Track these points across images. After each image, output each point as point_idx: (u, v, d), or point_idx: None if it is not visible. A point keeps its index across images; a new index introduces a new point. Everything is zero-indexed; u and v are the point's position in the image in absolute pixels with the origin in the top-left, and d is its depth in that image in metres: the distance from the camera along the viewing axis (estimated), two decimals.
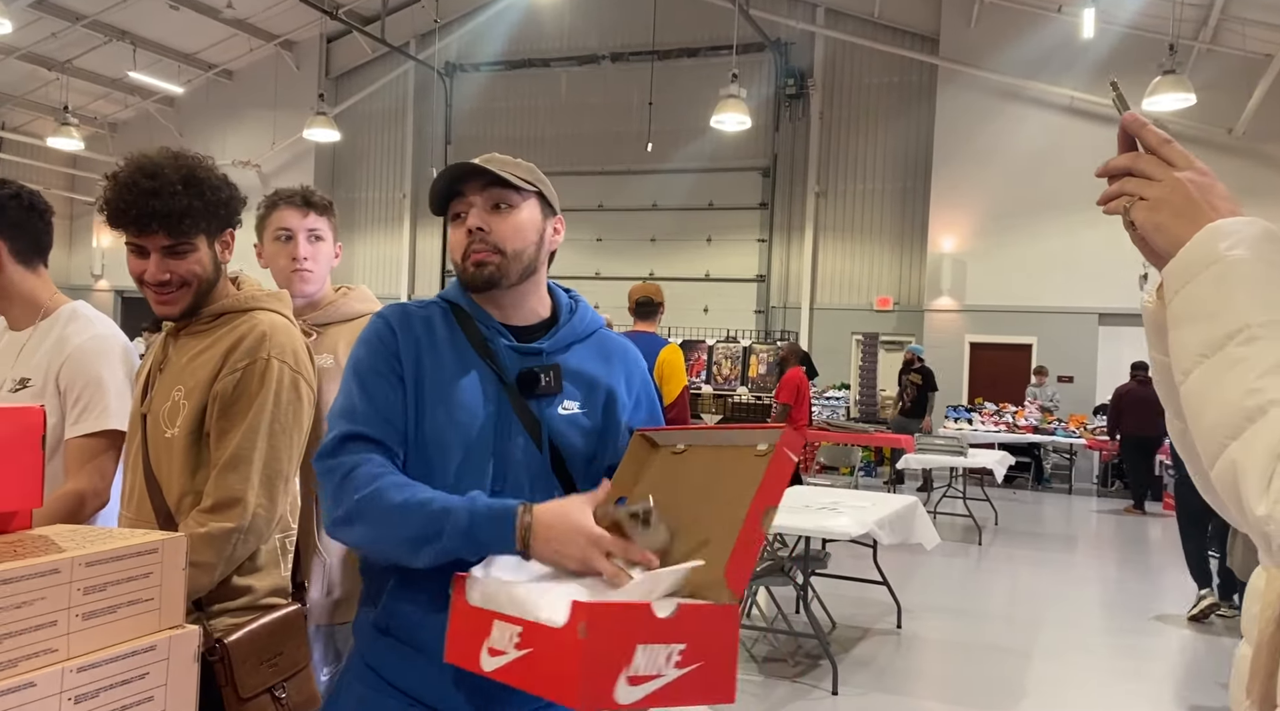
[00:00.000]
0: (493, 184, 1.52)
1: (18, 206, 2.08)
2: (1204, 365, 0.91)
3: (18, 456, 1.22)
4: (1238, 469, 0.86)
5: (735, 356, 9.73)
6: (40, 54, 15.34)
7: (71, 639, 1.09)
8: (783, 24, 14.80)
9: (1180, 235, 0.97)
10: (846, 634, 5.71)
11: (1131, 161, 1.02)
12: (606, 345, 1.66)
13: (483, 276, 1.53)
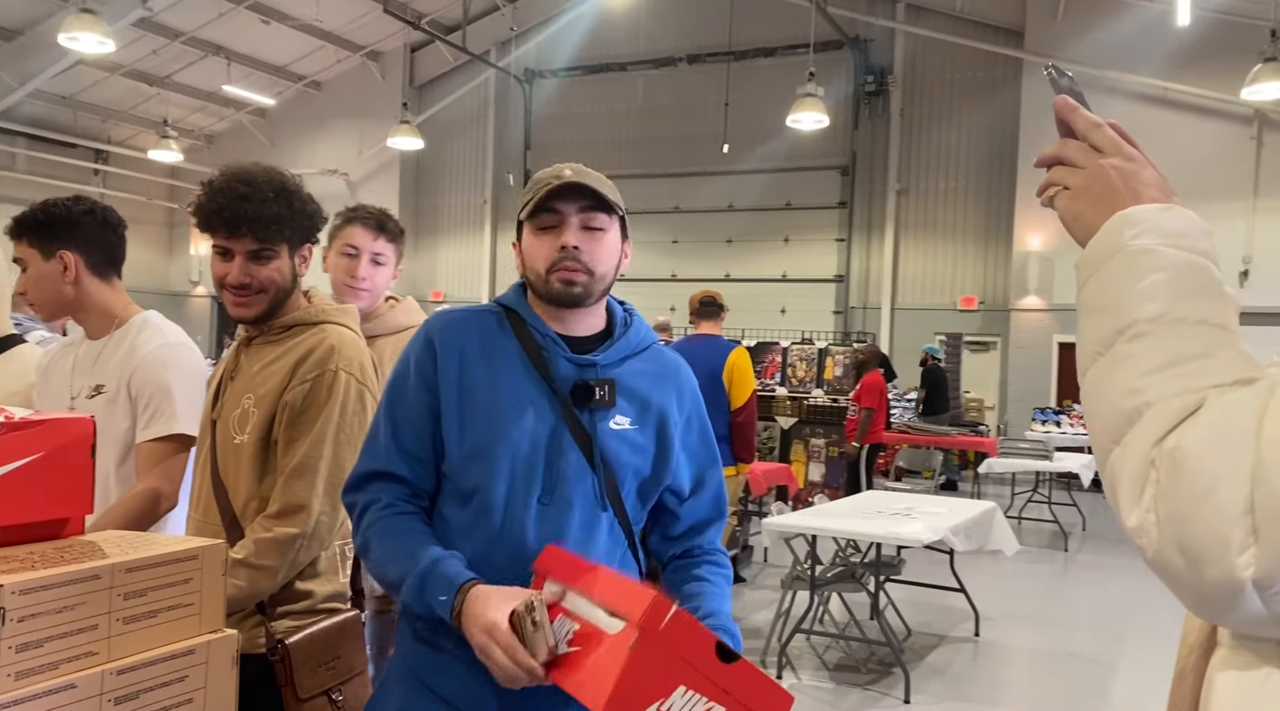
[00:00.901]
0: (589, 204, 1.52)
1: (92, 222, 2.18)
2: (1097, 364, 0.85)
3: (69, 465, 1.28)
4: (1116, 476, 0.80)
5: (810, 358, 9.62)
6: (142, 70, 16.03)
7: (112, 642, 1.14)
8: (861, 21, 14.60)
9: (1094, 225, 0.91)
10: (922, 641, 5.60)
11: (1059, 149, 0.97)
12: (660, 360, 1.65)
13: (571, 294, 1.53)
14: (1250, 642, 0.83)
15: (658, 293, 15.52)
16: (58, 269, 2.15)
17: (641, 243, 16.44)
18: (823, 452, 9.56)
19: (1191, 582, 0.77)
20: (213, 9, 14.53)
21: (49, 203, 2.18)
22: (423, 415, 1.53)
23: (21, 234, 2.15)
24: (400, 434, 1.53)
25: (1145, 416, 0.79)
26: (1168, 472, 0.76)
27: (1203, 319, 0.82)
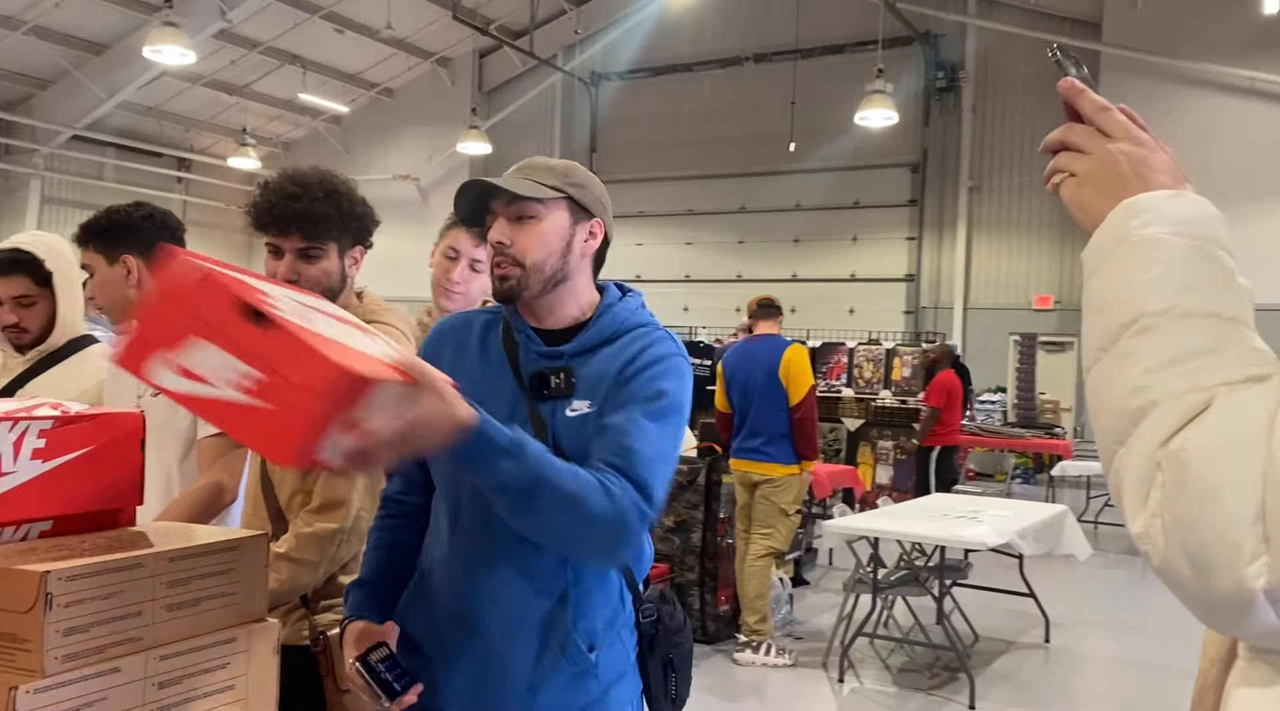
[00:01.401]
0: (516, 196, 1.52)
1: (151, 226, 2.26)
2: (1102, 360, 0.81)
3: (120, 459, 1.33)
4: (1121, 479, 0.76)
5: (878, 359, 9.49)
6: (221, 80, 16.54)
7: (156, 628, 1.18)
8: (932, 16, 14.36)
9: (1101, 213, 0.86)
10: (989, 647, 5.48)
11: (1065, 133, 0.92)
12: (636, 343, 1.55)
13: (503, 290, 1.53)
14: (1267, 656, 0.78)
15: (724, 293, 15.47)
16: (122, 273, 2.23)
17: (707, 243, 16.42)
18: (890, 455, 9.43)
19: (1199, 592, 0.73)
20: (289, 19, 14.92)
21: (111, 210, 2.27)
22: None
23: (88, 241, 2.24)
24: None
25: (1151, 415, 0.75)
26: (1174, 475, 0.72)
27: (1213, 312, 0.78)
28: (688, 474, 5.58)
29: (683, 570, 5.50)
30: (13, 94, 15.75)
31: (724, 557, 5.58)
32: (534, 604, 1.47)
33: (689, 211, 16.45)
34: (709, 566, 5.50)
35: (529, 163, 1.58)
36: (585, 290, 1.60)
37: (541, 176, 1.55)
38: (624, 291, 1.66)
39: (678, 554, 5.52)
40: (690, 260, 16.45)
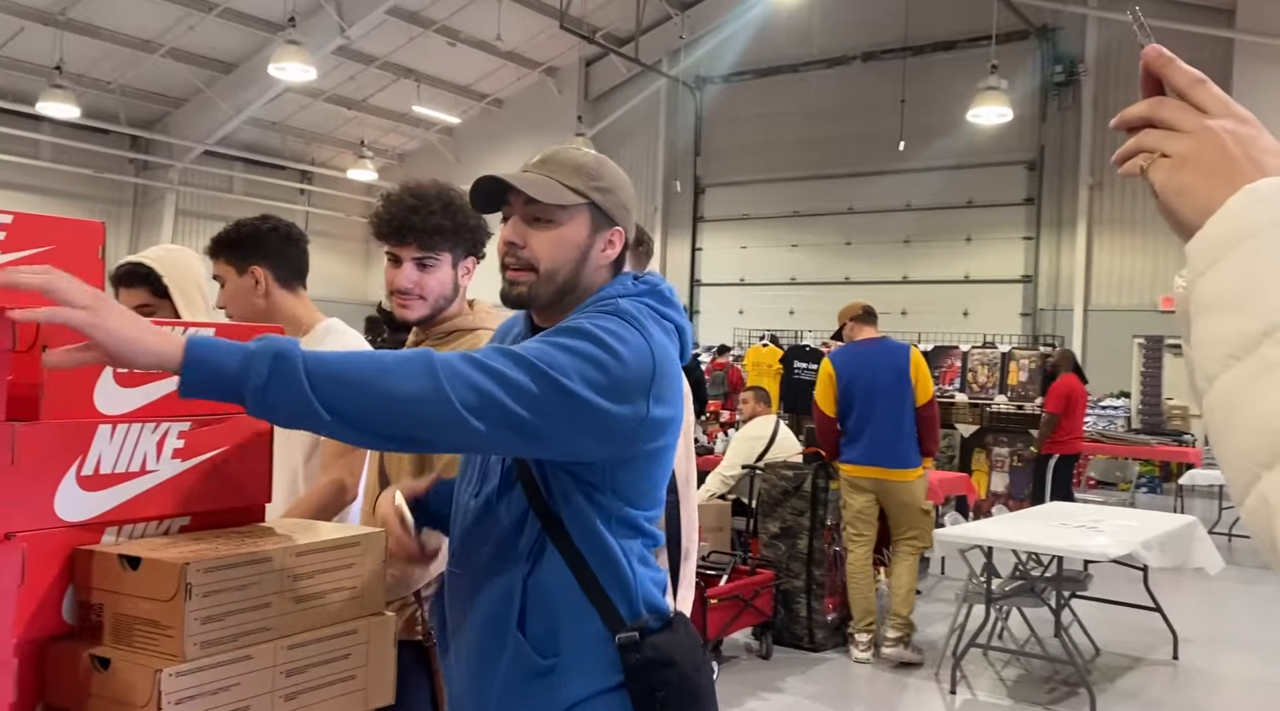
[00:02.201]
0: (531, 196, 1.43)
1: (277, 237, 2.38)
2: (1234, 370, 0.71)
3: (251, 459, 1.40)
4: (1272, 509, 0.67)
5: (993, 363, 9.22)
6: (340, 95, 17.18)
7: (284, 619, 1.25)
8: (1049, 9, 13.88)
9: (1210, 200, 0.74)
10: (1112, 662, 5.27)
11: (1152, 108, 0.81)
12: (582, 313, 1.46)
13: (512, 295, 1.46)
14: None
15: (831, 296, 15.24)
16: (250, 283, 2.35)
17: (813, 245, 16.23)
18: (1006, 462, 9.15)
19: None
20: (404, 34, 15.40)
21: (240, 222, 2.40)
22: None
23: (218, 252, 2.38)
24: None
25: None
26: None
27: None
28: (793, 480, 5.53)
29: (788, 577, 5.45)
30: (151, 113, 16.71)
31: (831, 565, 5.51)
32: (486, 601, 1.43)
33: (794, 213, 16.30)
34: (815, 573, 5.44)
35: (555, 155, 1.48)
36: (591, 288, 1.50)
37: (567, 176, 1.45)
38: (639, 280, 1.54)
39: (783, 560, 5.48)
40: (796, 263, 16.30)
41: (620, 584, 1.42)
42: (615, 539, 1.42)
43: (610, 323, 1.37)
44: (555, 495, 1.41)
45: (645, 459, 1.41)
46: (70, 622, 1.21)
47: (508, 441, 1.28)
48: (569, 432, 1.30)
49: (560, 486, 1.41)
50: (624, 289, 1.48)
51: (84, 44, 14.12)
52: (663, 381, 1.38)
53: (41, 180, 15.98)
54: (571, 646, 1.40)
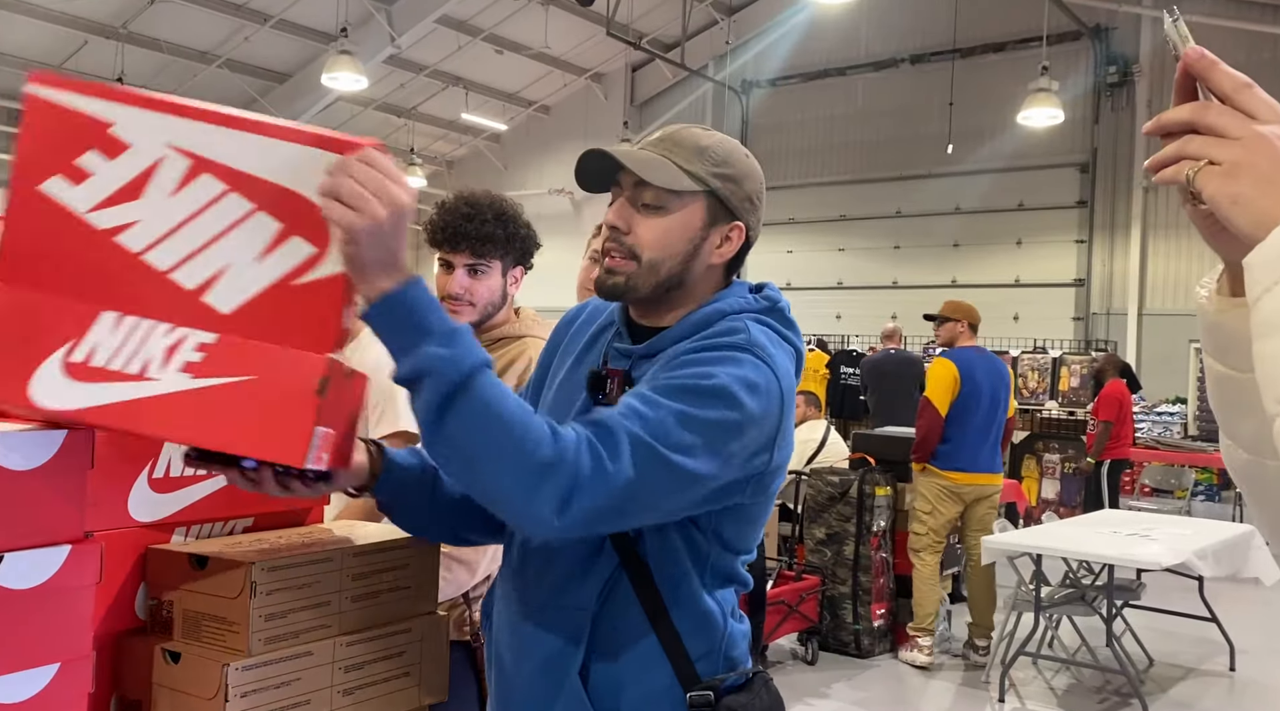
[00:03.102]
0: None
1: None
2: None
3: None
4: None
5: (1043, 368, 9.10)
6: (391, 103, 17.44)
7: (342, 617, 1.30)
8: (1102, 9, 13.66)
9: (1270, 211, 0.72)
10: (1166, 672, 5.18)
11: (1197, 113, 0.77)
12: (714, 331, 1.30)
13: (609, 284, 1.31)
14: None
15: (878, 300, 15.16)
16: None
17: (860, 249, 16.12)
18: (1058, 469, 9.02)
19: None
20: (452, 42, 15.60)
21: None
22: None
23: None
24: None
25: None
26: None
27: None
28: (839, 486, 5.52)
29: (834, 583, 5.44)
30: None
31: (878, 572, 5.49)
32: (545, 638, 1.28)
33: (841, 217, 16.22)
34: (862, 580, 5.42)
35: (676, 133, 1.33)
36: (700, 293, 1.36)
37: (686, 158, 1.30)
38: (760, 291, 1.41)
39: (829, 567, 5.47)
40: (843, 266, 16.20)
41: (704, 636, 1.28)
42: (705, 588, 1.28)
43: (745, 369, 1.22)
44: (642, 527, 1.25)
45: (755, 502, 1.31)
46: (142, 618, 1.27)
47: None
48: (689, 506, 1.22)
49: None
50: (744, 303, 1.34)
51: (144, 56, 14.51)
52: (786, 422, 1.28)
53: None
54: (635, 701, 1.26)
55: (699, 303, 1.34)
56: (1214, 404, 0.89)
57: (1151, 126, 0.82)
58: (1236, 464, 0.87)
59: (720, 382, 1.19)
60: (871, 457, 5.70)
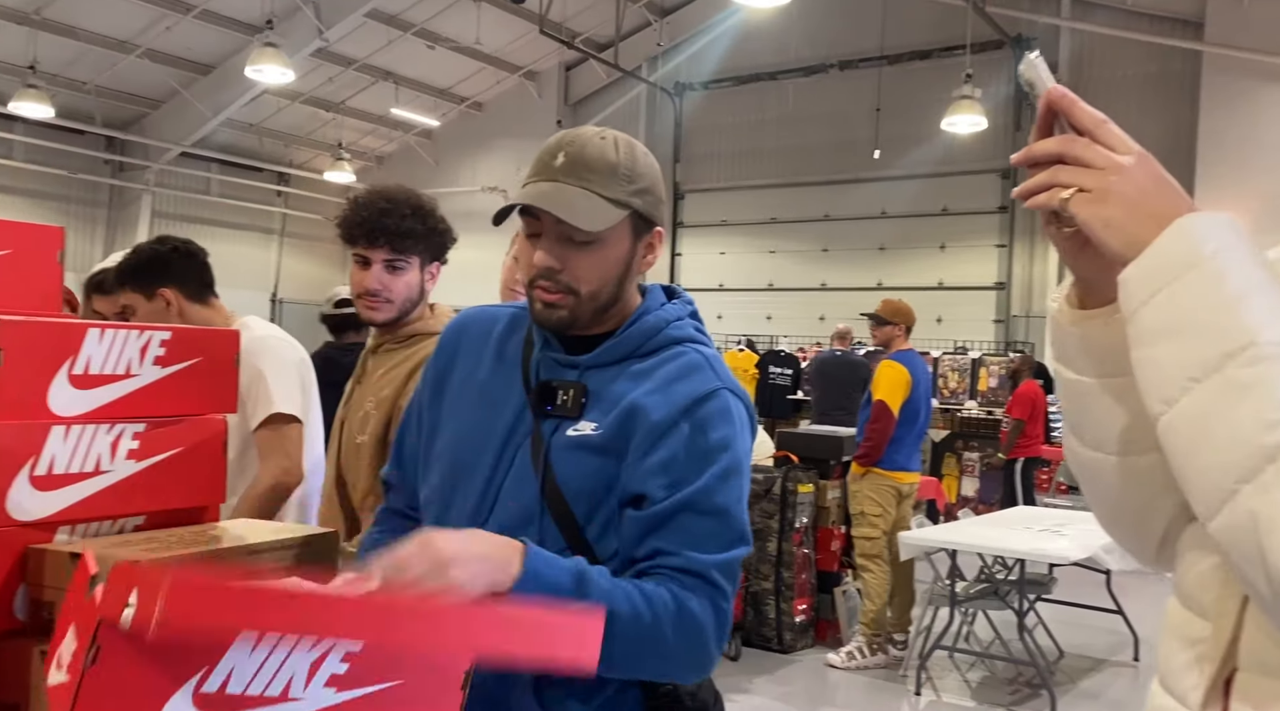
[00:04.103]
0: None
1: (179, 257, 2.42)
2: (1196, 391, 0.75)
3: (204, 459, 1.44)
4: (1259, 521, 0.72)
5: (963, 369, 9.33)
6: (318, 97, 17.13)
7: None
8: (1024, 19, 14.05)
9: (1139, 233, 0.81)
10: (1075, 664, 5.35)
11: (1065, 145, 0.86)
12: (668, 366, 1.32)
13: (552, 320, 1.31)
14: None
15: (807, 302, 15.38)
16: (161, 306, 2.37)
17: (791, 252, 16.31)
18: (976, 467, 9.25)
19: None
20: (383, 37, 15.38)
21: (139, 250, 2.42)
22: (417, 411, 1.48)
23: (124, 282, 2.40)
24: (404, 439, 1.50)
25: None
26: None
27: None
28: (763, 483, 5.59)
29: (758, 579, 5.51)
30: (127, 114, 16.61)
31: (800, 567, 5.57)
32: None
33: (772, 220, 16.40)
34: (784, 576, 5.49)
35: (584, 155, 1.28)
36: (631, 301, 1.39)
37: (604, 183, 1.27)
38: (671, 295, 1.44)
39: (753, 563, 5.53)
40: (774, 269, 16.40)
41: (722, 646, 1.30)
42: None
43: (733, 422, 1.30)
44: (598, 529, 1.28)
45: None
46: (22, 619, 1.24)
47: None
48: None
49: (605, 519, 1.28)
50: (677, 309, 1.39)
51: (59, 44, 14.03)
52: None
53: (14, 181, 15.85)
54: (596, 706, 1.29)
55: (629, 306, 1.37)
56: (1062, 406, 0.97)
57: (1021, 157, 0.89)
58: (1080, 459, 0.96)
59: (736, 455, 1.30)
60: (794, 455, 5.78)
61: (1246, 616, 0.84)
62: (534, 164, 1.32)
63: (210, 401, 1.46)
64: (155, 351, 1.37)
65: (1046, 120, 0.89)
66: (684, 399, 1.28)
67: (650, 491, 1.25)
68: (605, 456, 1.28)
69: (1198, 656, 0.88)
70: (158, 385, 1.37)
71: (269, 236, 19.45)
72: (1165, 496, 0.91)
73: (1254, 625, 0.84)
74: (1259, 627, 0.83)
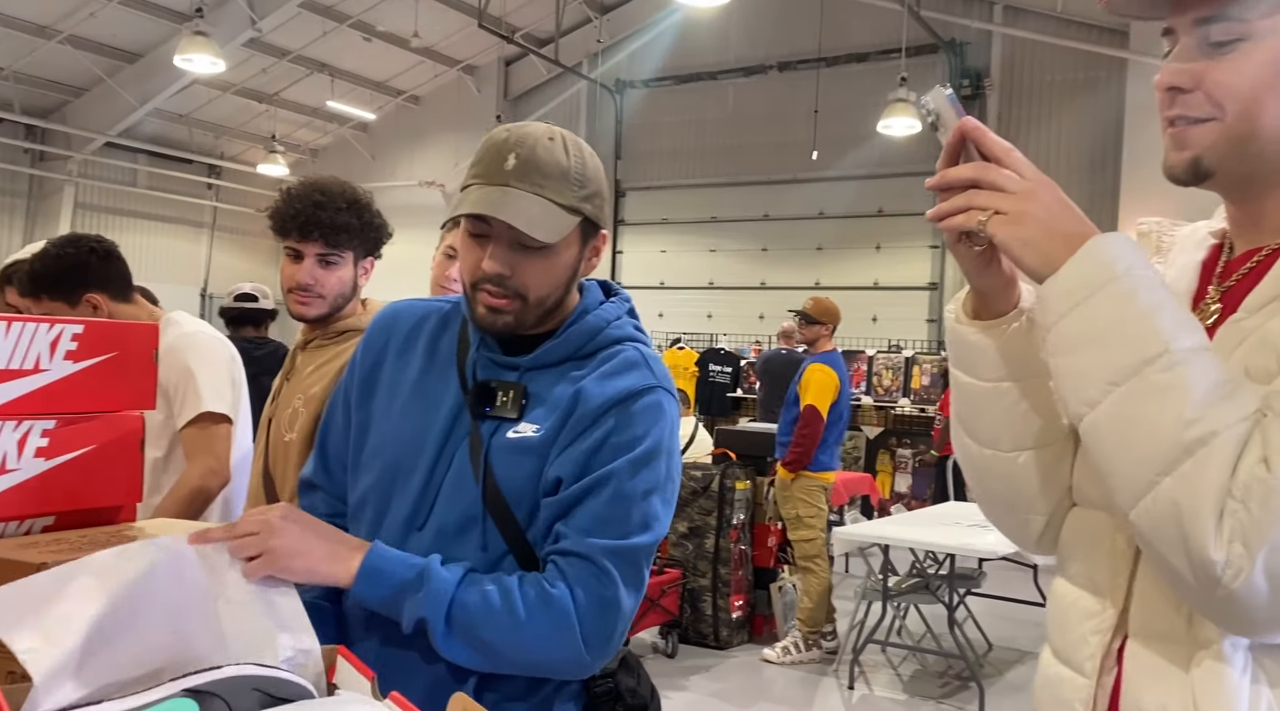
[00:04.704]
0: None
1: (98, 260, 2.33)
2: (1116, 394, 0.83)
3: (119, 458, 1.38)
4: (1182, 509, 0.79)
5: (897, 367, 9.47)
6: (251, 89, 16.77)
7: None
8: (957, 24, 14.31)
9: (1054, 252, 0.88)
10: (1002, 656, 5.47)
11: (979, 171, 0.93)
12: (607, 366, 1.32)
13: (497, 325, 1.29)
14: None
15: (747, 301, 15.48)
16: (87, 311, 2.29)
17: (731, 251, 16.42)
18: (909, 463, 9.40)
19: (1271, 608, 0.79)
20: (318, 28, 15.11)
21: (50, 255, 2.28)
22: (345, 409, 1.44)
23: (39, 292, 2.27)
24: (328, 438, 1.46)
25: (1211, 445, 0.78)
26: (1259, 502, 0.77)
27: (1206, 344, 0.84)
28: (701, 480, 5.61)
29: (695, 576, 5.52)
30: (47, 102, 16.07)
31: (737, 564, 5.60)
32: (428, 667, 1.25)
33: (713, 218, 16.49)
34: (721, 572, 5.52)
35: (535, 159, 1.25)
36: (570, 301, 1.38)
37: (558, 191, 1.26)
38: (610, 292, 1.43)
39: (690, 560, 5.55)
40: (714, 267, 16.48)
41: (609, 637, 1.27)
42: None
43: (664, 421, 1.31)
44: (540, 531, 1.28)
45: None
46: None
47: None
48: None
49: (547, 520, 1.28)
50: (616, 308, 1.38)
51: None
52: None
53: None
54: (526, 702, 1.29)
55: (568, 306, 1.36)
56: (956, 408, 1.05)
57: (935, 182, 0.96)
58: (973, 457, 1.05)
59: (648, 451, 1.27)
60: (732, 453, 5.81)
61: (1134, 589, 0.93)
62: (480, 161, 1.29)
63: (126, 397, 1.40)
64: (67, 346, 1.31)
65: (955, 148, 0.96)
66: (616, 393, 1.29)
67: (565, 477, 1.26)
68: (546, 459, 1.28)
69: (1092, 629, 0.96)
70: (69, 380, 1.32)
71: (199, 230, 18.99)
72: (1051, 489, 1.02)
73: (1141, 597, 0.93)
74: (1145, 599, 0.92)
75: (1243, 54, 0.92)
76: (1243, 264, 0.99)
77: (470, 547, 1.27)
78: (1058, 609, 1.04)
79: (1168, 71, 0.98)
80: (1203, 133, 0.94)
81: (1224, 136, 0.93)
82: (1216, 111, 0.93)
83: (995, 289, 0.99)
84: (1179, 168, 0.97)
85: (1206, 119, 0.94)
